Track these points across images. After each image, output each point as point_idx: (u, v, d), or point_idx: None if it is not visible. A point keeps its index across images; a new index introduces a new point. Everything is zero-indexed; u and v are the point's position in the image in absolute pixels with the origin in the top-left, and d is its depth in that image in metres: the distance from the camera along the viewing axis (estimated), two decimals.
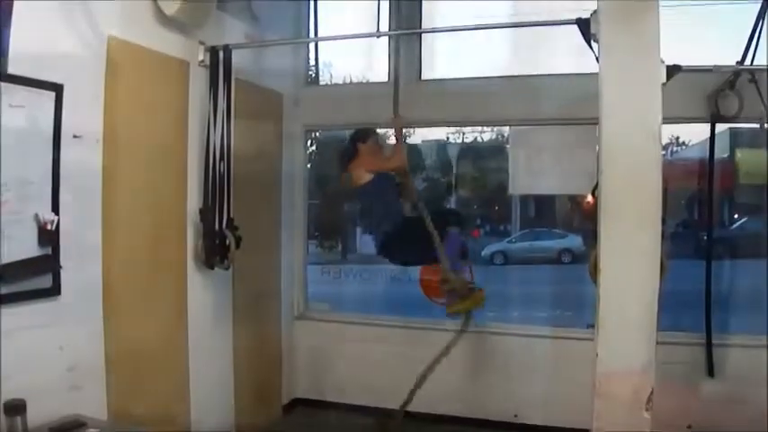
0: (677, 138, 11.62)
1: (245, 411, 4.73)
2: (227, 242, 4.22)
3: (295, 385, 5.57)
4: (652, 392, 2.82)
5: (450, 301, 4.65)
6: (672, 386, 3.56)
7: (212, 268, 4.24)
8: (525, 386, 4.94)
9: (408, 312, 5.52)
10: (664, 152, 4.19)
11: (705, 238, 4.89)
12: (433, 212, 4.52)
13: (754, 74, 4.21)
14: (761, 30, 4.17)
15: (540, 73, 5.21)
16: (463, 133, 13.24)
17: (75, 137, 3.18)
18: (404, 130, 4.94)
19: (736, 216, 11.21)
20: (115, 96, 3.44)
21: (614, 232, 2.91)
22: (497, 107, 5.07)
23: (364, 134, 4.69)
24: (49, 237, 3.02)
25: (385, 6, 5.09)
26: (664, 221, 2.97)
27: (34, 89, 2.94)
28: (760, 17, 4.17)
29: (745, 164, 6.46)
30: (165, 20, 3.80)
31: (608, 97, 2.91)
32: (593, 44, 3.15)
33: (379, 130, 4.90)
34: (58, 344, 3.09)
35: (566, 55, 4.62)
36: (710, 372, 4.52)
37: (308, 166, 6.03)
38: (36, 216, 2.96)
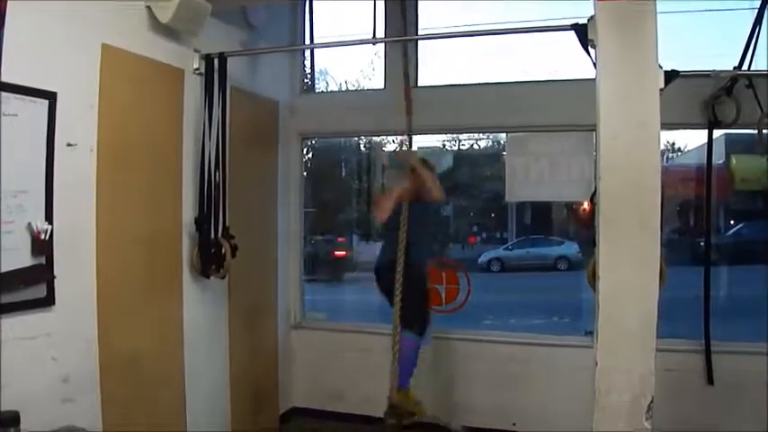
0: (672, 144, 11.61)
1: (241, 421, 4.69)
2: (223, 251, 4.19)
3: (292, 394, 5.52)
4: (652, 401, 2.80)
5: None
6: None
7: (208, 277, 4.22)
8: (523, 394, 4.91)
9: None
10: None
11: (702, 244, 4.87)
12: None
13: (751, 79, 4.20)
14: (758, 35, 4.18)
15: (535, 79, 5.21)
16: (459, 140, 13.18)
17: (68, 145, 3.17)
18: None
19: (732, 222, 11.20)
20: (109, 104, 3.42)
21: (613, 239, 2.88)
22: (494, 114, 5.05)
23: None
24: (42, 246, 2.99)
25: (381, 13, 5.06)
26: (661, 228, 2.94)
27: (27, 97, 2.93)
28: (757, 22, 4.18)
29: (740, 170, 6.42)
30: (159, 27, 3.79)
31: (605, 103, 2.88)
32: (591, 50, 3.15)
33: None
34: (51, 354, 3.07)
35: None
36: (710, 379, 4.50)
37: (304, 173, 6.00)
38: (29, 225, 2.93)
